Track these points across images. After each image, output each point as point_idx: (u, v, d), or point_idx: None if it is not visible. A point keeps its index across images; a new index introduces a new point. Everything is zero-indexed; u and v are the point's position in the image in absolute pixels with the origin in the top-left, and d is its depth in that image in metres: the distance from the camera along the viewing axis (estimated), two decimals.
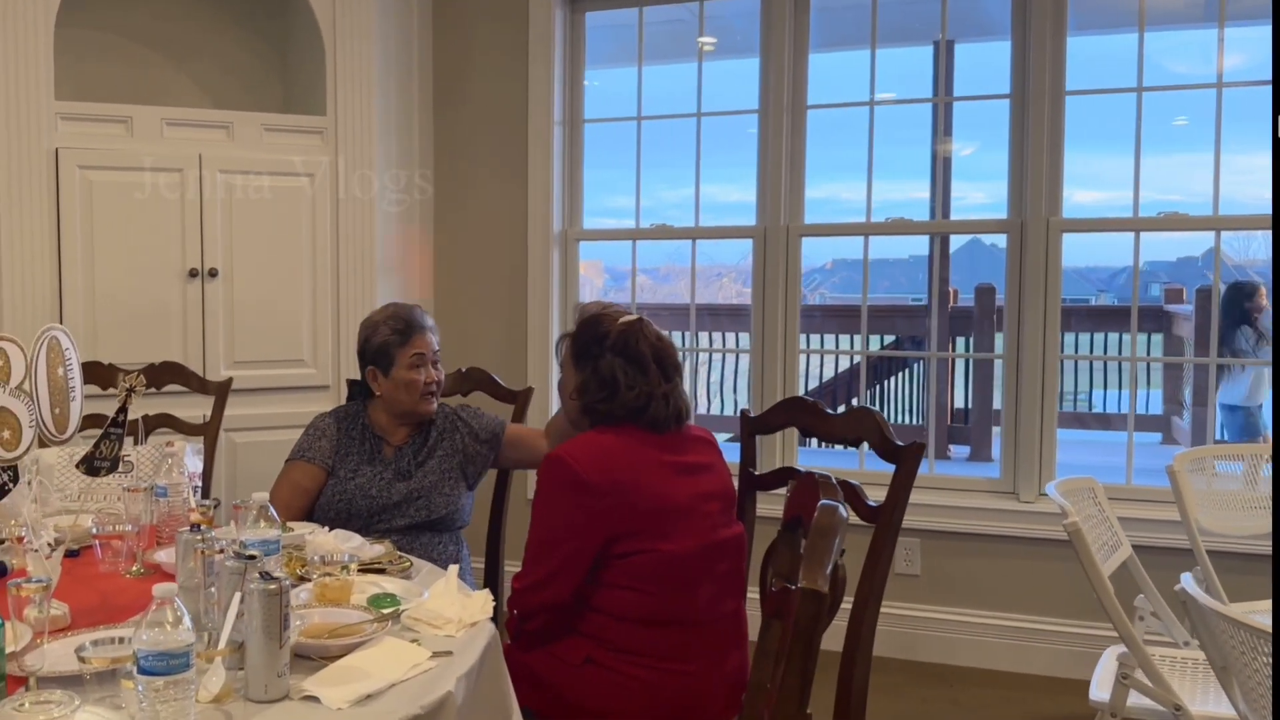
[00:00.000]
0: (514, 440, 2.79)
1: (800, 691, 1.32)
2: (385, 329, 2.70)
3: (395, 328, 2.69)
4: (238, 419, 3.61)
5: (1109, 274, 13.57)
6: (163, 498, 2.12)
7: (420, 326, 2.71)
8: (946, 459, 6.69)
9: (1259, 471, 3.11)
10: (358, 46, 3.83)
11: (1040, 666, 3.64)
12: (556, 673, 2.14)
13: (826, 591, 1.33)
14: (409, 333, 2.68)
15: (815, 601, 1.29)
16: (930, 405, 6.30)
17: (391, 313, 2.75)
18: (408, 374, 2.65)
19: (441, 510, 2.63)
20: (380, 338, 2.69)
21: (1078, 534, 2.22)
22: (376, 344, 2.70)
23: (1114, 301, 12.26)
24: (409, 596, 1.84)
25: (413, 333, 2.69)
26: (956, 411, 7.21)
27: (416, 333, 2.69)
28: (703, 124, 4.13)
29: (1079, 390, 7.83)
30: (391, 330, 2.69)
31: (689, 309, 4.35)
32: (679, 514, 2.12)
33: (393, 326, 2.69)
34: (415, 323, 2.71)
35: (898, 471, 1.94)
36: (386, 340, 2.68)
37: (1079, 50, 3.67)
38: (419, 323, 2.72)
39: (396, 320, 2.71)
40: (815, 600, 1.29)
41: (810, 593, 1.28)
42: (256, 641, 1.42)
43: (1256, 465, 3.14)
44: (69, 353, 1.71)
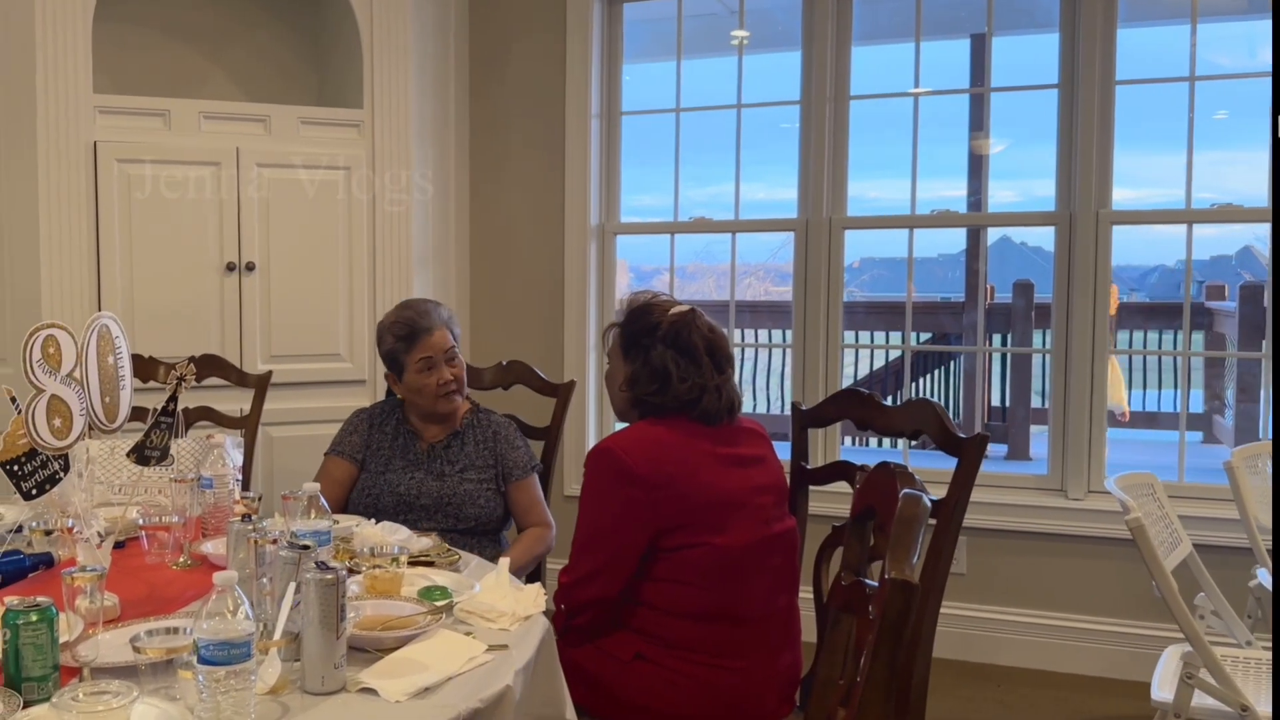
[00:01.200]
0: (516, 498, 2.67)
1: (888, 685, 1.27)
2: (390, 336, 2.66)
3: (398, 334, 2.64)
4: (274, 413, 3.58)
5: (1140, 273, 13.40)
6: (208, 489, 2.09)
7: (425, 329, 2.63)
8: (985, 457, 6.62)
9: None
10: (394, 39, 3.81)
11: (1090, 667, 3.57)
12: (605, 668, 2.09)
13: (917, 582, 1.28)
14: (414, 337, 2.62)
15: (905, 592, 1.24)
16: (976, 402, 6.22)
17: (395, 317, 2.69)
18: (418, 379, 2.61)
19: (471, 520, 2.59)
20: (387, 345, 2.67)
21: (1140, 530, 2.16)
22: (384, 352, 2.68)
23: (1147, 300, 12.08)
24: (460, 589, 1.80)
25: (417, 337, 2.62)
26: (994, 409, 7.12)
27: (421, 335, 2.62)
28: (743, 117, 4.07)
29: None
30: (395, 337, 2.64)
31: (726, 305, 4.29)
32: (731, 507, 2.07)
33: (396, 333, 2.65)
34: (419, 326, 2.63)
35: (960, 464, 1.89)
36: (393, 348, 2.65)
37: (1127, 42, 3.60)
38: (423, 325, 2.64)
39: (400, 325, 2.65)
40: (905, 591, 1.24)
41: (900, 583, 1.23)
42: (313, 633, 1.38)
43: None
44: (119, 341, 1.68)
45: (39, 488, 1.59)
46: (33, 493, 1.58)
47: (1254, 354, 6.03)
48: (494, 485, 2.65)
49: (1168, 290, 10.58)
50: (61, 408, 1.58)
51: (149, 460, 1.67)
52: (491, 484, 2.65)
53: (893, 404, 2.11)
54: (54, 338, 1.57)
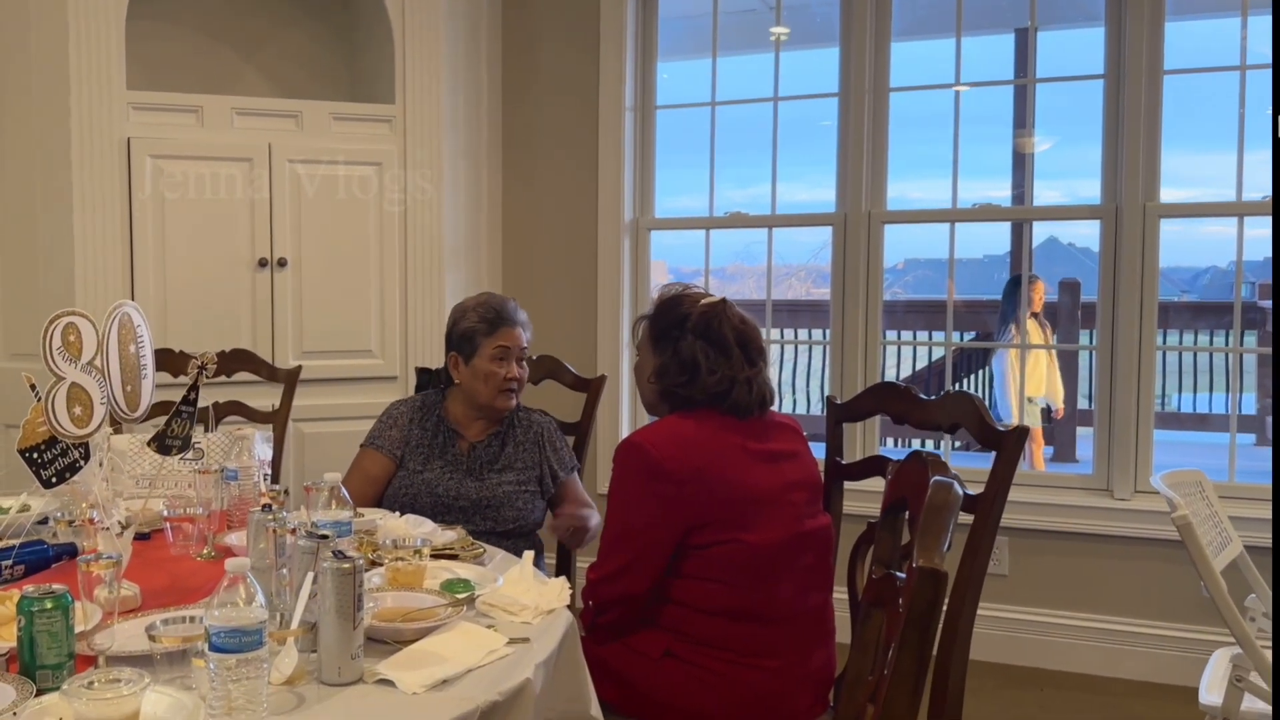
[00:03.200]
0: (566, 498, 2.66)
1: (916, 677, 1.22)
2: (474, 315, 2.60)
3: (484, 315, 2.59)
4: (305, 409, 3.57)
5: (1193, 274, 13.17)
6: (233, 481, 2.07)
7: (510, 320, 2.60)
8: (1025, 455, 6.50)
9: None
10: (426, 34, 3.79)
11: (1134, 671, 3.47)
12: (633, 666, 2.05)
13: (945, 570, 1.22)
14: (497, 323, 2.58)
15: (933, 581, 1.18)
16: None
17: (483, 300, 2.65)
18: (488, 365, 2.56)
19: (509, 524, 2.55)
20: (467, 323, 2.60)
21: (1188, 528, 2.08)
22: (462, 329, 2.61)
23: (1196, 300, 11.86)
24: (483, 582, 1.77)
25: (501, 324, 2.58)
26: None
27: (505, 325, 2.58)
28: (780, 113, 4.02)
29: (1167, 390, 7.56)
30: (480, 318, 2.59)
31: (763, 306, 4.24)
32: (762, 503, 2.02)
33: (481, 314, 2.60)
34: (506, 315, 2.60)
35: (999, 459, 1.82)
36: (473, 327, 2.59)
37: (1174, 35, 3.50)
38: (510, 316, 2.60)
39: (487, 309, 2.61)
40: (933, 579, 1.18)
41: (928, 571, 1.18)
42: (330, 622, 1.35)
43: None
44: (140, 329, 1.67)
45: (59, 475, 1.57)
46: (52, 481, 1.57)
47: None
48: (534, 487, 2.61)
49: (1219, 292, 10.36)
50: (82, 396, 1.56)
51: (170, 450, 1.65)
52: (532, 485, 2.60)
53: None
54: (74, 325, 1.56)
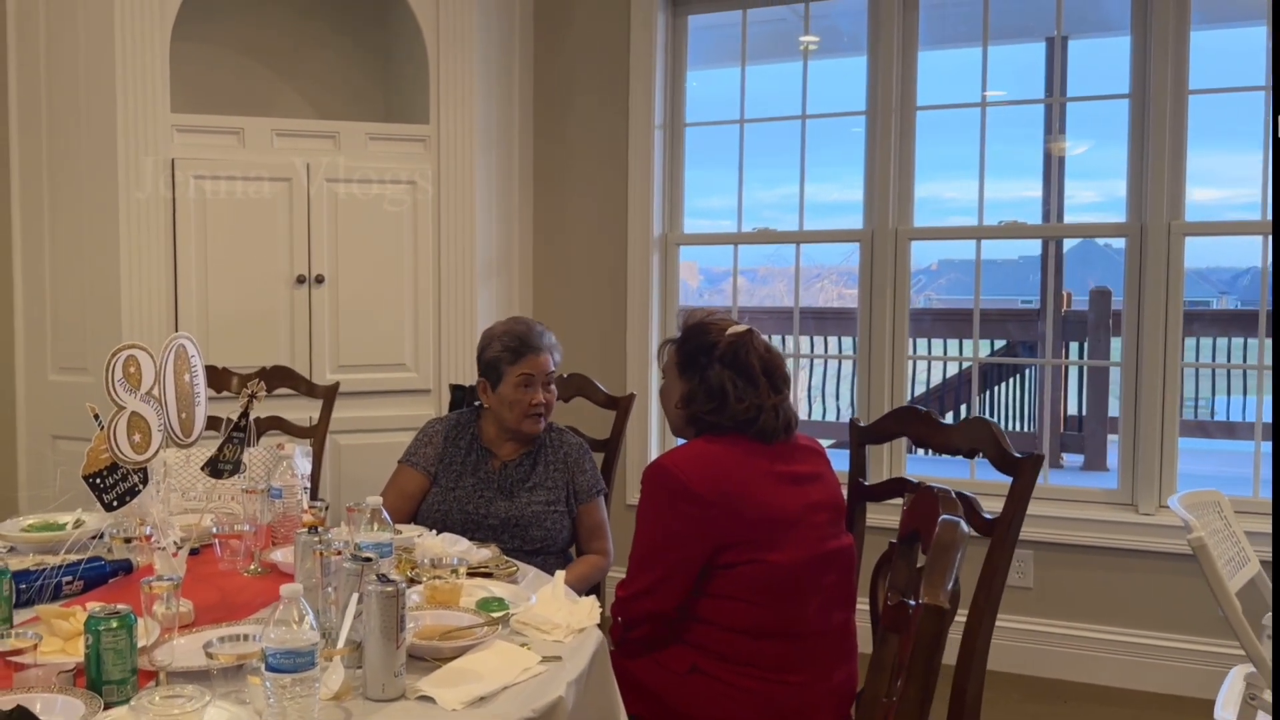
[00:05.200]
0: (582, 519, 2.71)
1: (920, 705, 1.29)
2: (499, 344, 2.67)
3: (508, 344, 2.65)
4: (342, 421, 3.67)
5: (1231, 275, 13.04)
6: (278, 499, 2.16)
7: (535, 347, 2.65)
8: (1059, 468, 6.50)
9: None
10: (460, 55, 3.88)
11: (1159, 684, 3.50)
12: (661, 681, 2.12)
13: (948, 608, 1.29)
14: (522, 352, 2.64)
15: (937, 618, 1.26)
16: (1044, 413, 6.12)
17: (508, 328, 2.71)
18: (513, 393, 2.62)
19: (537, 543, 2.61)
20: (493, 352, 2.67)
21: (1203, 550, 2.13)
22: (489, 358, 2.68)
23: (1237, 305, 11.76)
24: (517, 601, 1.85)
25: (525, 352, 2.64)
26: (1070, 419, 6.99)
27: (530, 353, 2.64)
28: (808, 125, 4.08)
29: (1200, 397, 7.52)
30: (504, 347, 2.65)
31: (791, 313, 4.30)
32: (787, 524, 2.08)
33: (505, 343, 2.66)
34: (530, 343, 2.65)
35: (1015, 484, 1.88)
36: (498, 356, 2.65)
37: (1203, 44, 3.53)
38: (534, 343, 2.66)
39: (511, 337, 2.67)
40: (937, 616, 1.25)
41: (932, 609, 1.25)
42: (374, 642, 1.43)
43: None
44: (194, 360, 1.76)
45: (120, 499, 1.67)
46: (114, 504, 1.66)
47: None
48: (563, 506, 2.67)
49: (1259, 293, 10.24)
50: (141, 424, 1.65)
51: (222, 473, 1.74)
52: (561, 505, 2.67)
53: (957, 417, 2.11)
54: (134, 358, 1.65)
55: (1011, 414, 7.29)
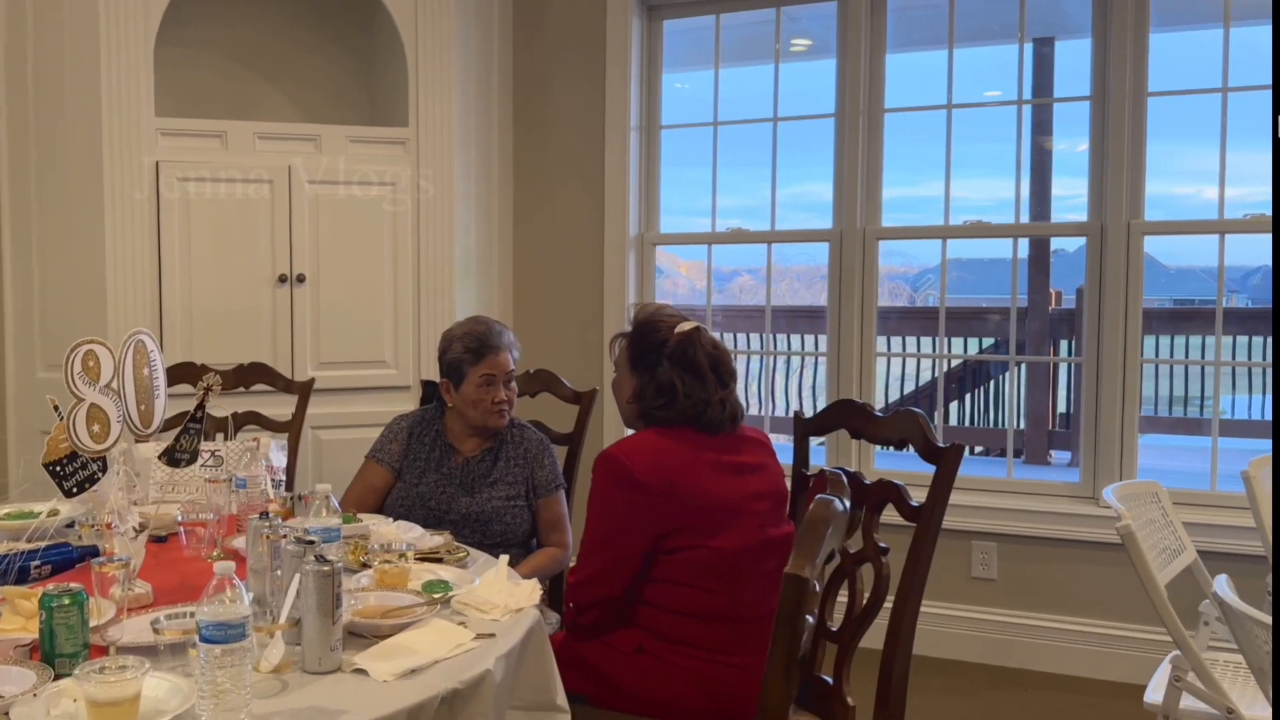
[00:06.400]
0: (542, 520, 2.79)
1: (786, 669, 1.37)
2: (460, 345, 2.75)
3: (469, 345, 2.74)
4: (323, 417, 3.78)
5: (1242, 274, 13.08)
6: (242, 489, 2.26)
7: (495, 347, 2.74)
8: (1046, 464, 6.56)
9: None
10: (439, 59, 3.98)
11: (1119, 673, 3.58)
12: (610, 661, 2.21)
13: (809, 577, 1.38)
14: (483, 352, 2.72)
15: (796, 585, 1.35)
16: (1015, 409, 6.16)
17: (468, 329, 2.79)
18: (476, 392, 2.71)
19: (497, 536, 2.69)
20: (454, 353, 2.75)
21: (1130, 537, 2.21)
22: (451, 359, 2.76)
23: (1248, 303, 11.79)
24: (461, 583, 1.94)
25: (486, 353, 2.72)
26: (1060, 416, 7.03)
27: (490, 353, 2.72)
28: (785, 127, 4.16)
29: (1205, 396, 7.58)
30: (465, 348, 2.74)
31: (776, 310, 4.38)
32: (728, 512, 2.17)
33: (466, 344, 2.74)
34: (490, 343, 2.74)
35: (938, 472, 1.97)
36: (460, 357, 2.74)
37: (1164, 46, 3.60)
38: (494, 343, 2.74)
39: (471, 338, 2.75)
40: (796, 584, 1.35)
41: (792, 577, 1.35)
42: (311, 618, 1.53)
43: None
44: (153, 354, 1.85)
45: (79, 486, 1.76)
46: (73, 491, 1.76)
47: None
48: (524, 501, 2.76)
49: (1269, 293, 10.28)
50: (100, 415, 1.75)
51: (179, 462, 1.83)
52: (521, 500, 2.76)
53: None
54: (93, 352, 1.75)
55: (1002, 411, 7.35)
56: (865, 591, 2.09)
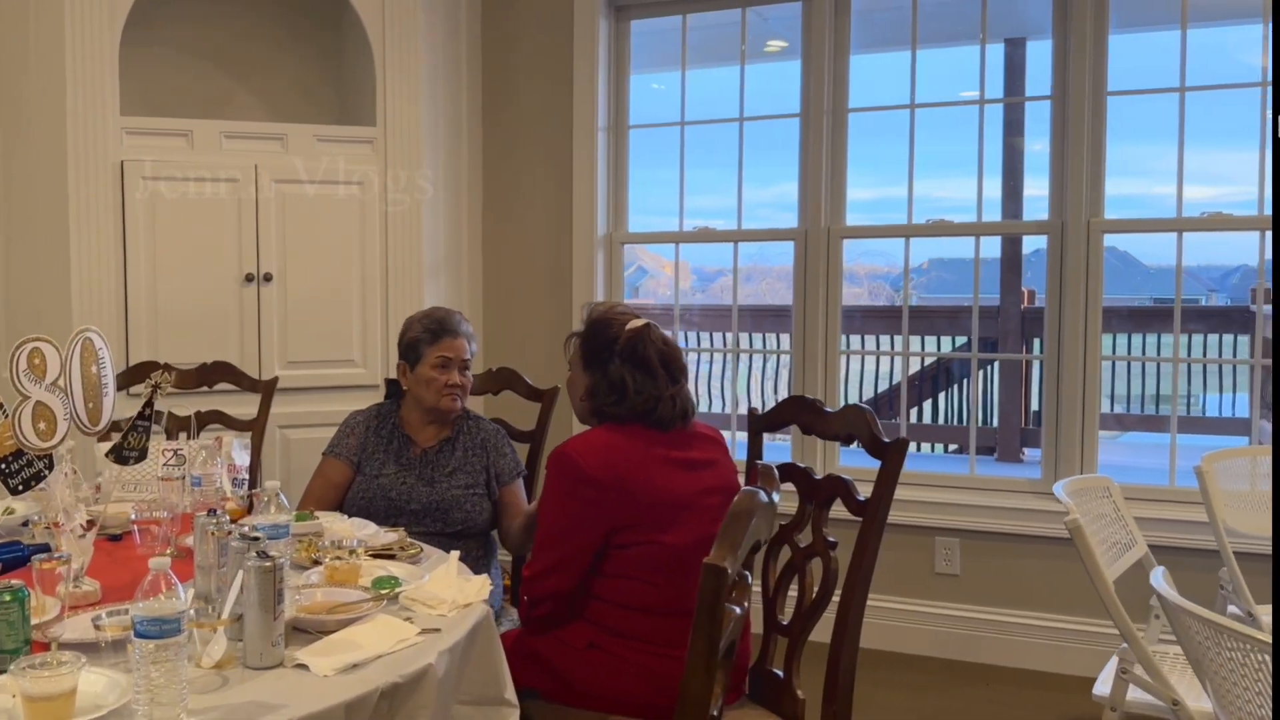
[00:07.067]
0: (505, 503, 2.82)
1: (708, 658, 1.40)
2: (419, 327, 2.82)
3: (428, 326, 2.81)
4: (291, 416, 3.79)
5: (1222, 273, 13.20)
6: (197, 487, 2.26)
7: (452, 331, 2.80)
8: (1019, 461, 6.60)
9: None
10: (406, 58, 3.99)
11: (1079, 666, 3.61)
12: (561, 656, 2.23)
13: (727, 568, 1.40)
14: (440, 334, 2.79)
15: (715, 576, 1.37)
16: (980, 407, 6.21)
17: (428, 314, 2.87)
18: (430, 372, 2.76)
19: (458, 525, 2.72)
20: (413, 334, 2.82)
21: (1077, 530, 2.24)
22: (408, 339, 2.83)
23: (1227, 302, 11.91)
24: (411, 579, 1.95)
25: (443, 335, 2.78)
26: (1034, 414, 7.07)
27: (447, 335, 2.79)
28: (758, 123, 4.18)
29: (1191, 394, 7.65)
30: (424, 329, 2.81)
31: (754, 310, 4.40)
32: (679, 508, 2.19)
33: (425, 325, 2.81)
34: (448, 327, 2.80)
35: (883, 467, 1.99)
36: (417, 337, 2.80)
37: (1124, 47, 3.64)
38: (452, 328, 2.81)
39: (430, 320, 2.82)
40: (715, 575, 1.37)
41: (711, 567, 1.37)
42: (253, 614, 1.54)
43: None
44: (102, 352, 1.86)
45: (25, 484, 1.77)
46: (19, 489, 1.76)
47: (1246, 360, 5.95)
48: (482, 490, 2.79)
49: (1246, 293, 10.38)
50: (46, 413, 1.75)
51: (127, 460, 1.84)
52: (480, 489, 2.79)
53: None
54: (39, 350, 1.75)
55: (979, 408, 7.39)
56: (815, 585, 2.12)
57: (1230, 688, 1.55)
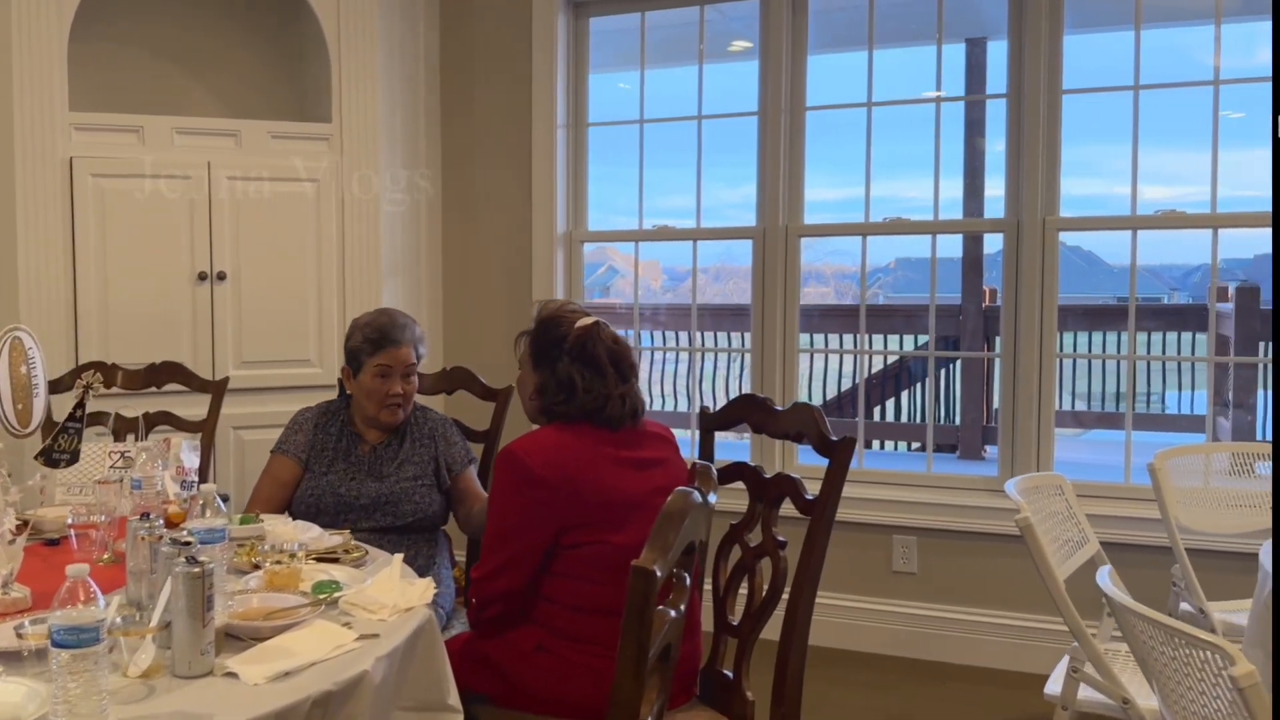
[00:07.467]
0: (460, 490, 2.79)
1: (636, 662, 1.38)
2: (360, 335, 2.77)
3: (369, 335, 2.74)
4: (246, 417, 3.74)
5: (1183, 272, 13.38)
6: (137, 490, 2.22)
7: (395, 340, 2.74)
8: (981, 459, 6.64)
9: (1253, 470, 3.11)
10: (362, 55, 3.94)
11: (1036, 664, 3.61)
12: (509, 659, 2.20)
13: (655, 570, 1.39)
14: (381, 344, 2.73)
15: (644, 579, 1.36)
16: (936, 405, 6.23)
17: (372, 320, 2.80)
18: (371, 382, 2.72)
19: (408, 517, 2.69)
20: (354, 342, 2.77)
21: (1028, 529, 2.24)
22: (351, 346, 2.78)
23: (1188, 300, 12.06)
24: (353, 583, 1.92)
25: (385, 345, 2.73)
26: (995, 412, 7.11)
27: (389, 345, 2.73)
28: (726, 124, 4.16)
29: (1151, 391, 7.73)
30: (364, 338, 2.75)
31: (710, 308, 4.39)
32: (629, 507, 2.17)
33: (366, 334, 2.75)
34: (390, 335, 2.74)
35: (831, 466, 1.98)
36: (359, 346, 2.75)
37: (1080, 47, 3.65)
38: (394, 336, 2.74)
39: (373, 329, 2.76)
40: (643, 578, 1.36)
41: (639, 570, 1.36)
42: (181, 621, 1.50)
43: (1249, 463, 3.13)
44: (32, 352, 1.82)
45: None
46: None
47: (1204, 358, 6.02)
48: (431, 481, 2.76)
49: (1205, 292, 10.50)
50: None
51: (58, 463, 1.80)
52: (428, 480, 2.76)
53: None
54: None
55: (942, 407, 7.43)
56: (766, 585, 2.11)
57: (1175, 686, 1.55)
